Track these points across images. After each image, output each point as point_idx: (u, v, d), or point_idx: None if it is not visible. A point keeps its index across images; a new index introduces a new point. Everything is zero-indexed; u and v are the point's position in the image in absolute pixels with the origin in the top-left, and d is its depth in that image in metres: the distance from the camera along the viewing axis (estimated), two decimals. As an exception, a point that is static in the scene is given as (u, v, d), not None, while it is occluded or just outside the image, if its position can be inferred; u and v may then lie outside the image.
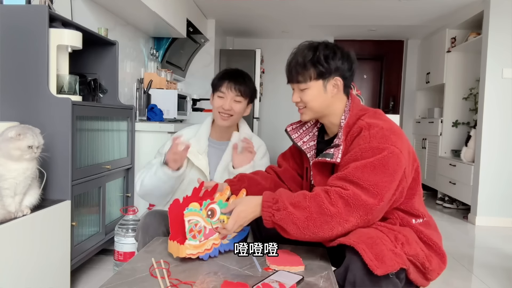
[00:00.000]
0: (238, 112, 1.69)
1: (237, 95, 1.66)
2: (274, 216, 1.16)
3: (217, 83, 1.69)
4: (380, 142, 1.21)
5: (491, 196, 3.72)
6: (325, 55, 1.31)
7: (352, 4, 4.21)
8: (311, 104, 1.35)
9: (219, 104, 1.67)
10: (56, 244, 1.77)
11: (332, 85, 1.33)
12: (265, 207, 1.18)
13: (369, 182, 1.15)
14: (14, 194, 1.53)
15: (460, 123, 4.58)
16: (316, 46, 1.34)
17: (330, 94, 1.34)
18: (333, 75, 1.32)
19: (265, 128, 6.02)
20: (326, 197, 1.15)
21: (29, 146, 1.51)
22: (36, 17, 1.81)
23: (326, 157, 1.29)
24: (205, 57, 4.89)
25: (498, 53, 3.68)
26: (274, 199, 1.18)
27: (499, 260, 2.74)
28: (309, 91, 1.33)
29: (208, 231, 1.22)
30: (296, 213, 1.14)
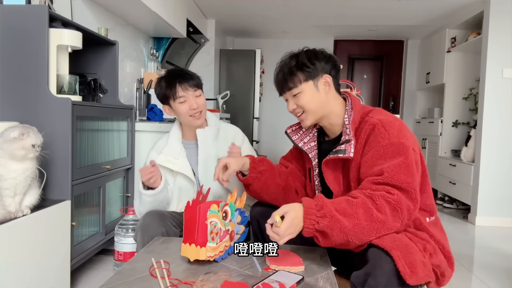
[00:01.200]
0: (204, 104, 1.70)
1: (195, 91, 1.66)
2: (319, 224, 1.10)
3: (170, 92, 1.64)
4: (399, 137, 1.23)
5: (491, 196, 3.72)
6: (307, 57, 1.36)
7: (352, 4, 4.21)
8: (309, 106, 1.36)
9: (185, 108, 1.64)
10: (56, 244, 1.77)
11: (322, 83, 1.36)
12: (308, 214, 1.11)
13: (407, 184, 1.16)
14: (14, 194, 1.53)
15: (460, 123, 4.58)
16: (296, 53, 1.39)
17: (323, 92, 1.36)
18: (321, 73, 1.35)
19: (265, 128, 6.02)
20: (372, 203, 1.13)
21: (33, 144, 1.52)
22: (36, 17, 1.81)
23: (339, 153, 1.29)
24: (205, 57, 4.89)
25: (498, 53, 3.68)
26: (318, 205, 1.12)
27: (499, 260, 2.74)
28: (303, 94, 1.35)
29: (223, 233, 1.24)
30: (344, 220, 1.10)
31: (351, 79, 6.01)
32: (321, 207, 1.11)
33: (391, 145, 1.21)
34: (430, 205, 1.32)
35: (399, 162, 1.18)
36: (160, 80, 1.69)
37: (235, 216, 1.31)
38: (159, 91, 1.68)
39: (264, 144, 5.97)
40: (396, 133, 1.24)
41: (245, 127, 5.03)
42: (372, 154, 1.24)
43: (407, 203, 1.15)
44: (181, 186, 1.71)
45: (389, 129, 1.24)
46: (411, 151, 1.21)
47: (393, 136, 1.23)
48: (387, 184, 1.16)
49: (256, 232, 1.50)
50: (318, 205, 1.12)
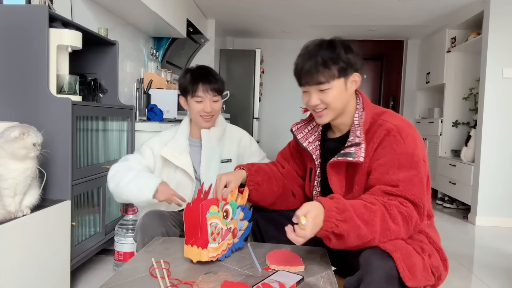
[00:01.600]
0: (218, 110, 1.72)
1: (214, 96, 1.67)
2: (338, 227, 1.07)
3: (191, 88, 1.66)
4: (414, 147, 1.20)
5: (491, 196, 3.72)
6: (344, 50, 1.26)
7: (352, 4, 4.21)
8: (335, 105, 1.27)
9: (199, 108, 1.67)
10: (56, 244, 1.77)
11: (351, 82, 1.28)
12: (329, 216, 1.07)
13: (420, 199, 1.16)
14: (14, 194, 1.53)
15: (460, 123, 4.58)
16: (331, 41, 1.29)
17: (350, 91, 1.29)
18: (353, 70, 1.27)
19: (265, 128, 6.02)
20: (388, 213, 1.13)
21: (34, 143, 1.52)
22: (36, 17, 1.81)
23: (347, 156, 1.23)
24: (205, 57, 4.89)
25: (498, 53, 3.68)
26: (339, 208, 1.08)
27: (499, 260, 2.74)
28: (332, 91, 1.25)
29: (224, 232, 1.24)
30: (363, 227, 1.09)
31: (351, 79, 6.00)
32: (343, 210, 1.08)
33: (406, 155, 1.19)
34: (429, 210, 1.30)
35: (413, 175, 1.17)
36: (187, 73, 1.70)
37: (237, 213, 1.31)
38: (182, 82, 1.70)
39: (264, 144, 5.97)
40: (412, 143, 1.21)
41: (245, 127, 5.00)
42: (385, 161, 1.20)
43: (416, 216, 1.15)
44: (179, 181, 1.70)
45: (405, 138, 1.21)
46: (422, 164, 1.20)
47: (409, 145, 1.20)
48: (401, 196, 1.16)
49: (255, 232, 1.49)
50: (339, 208, 1.09)
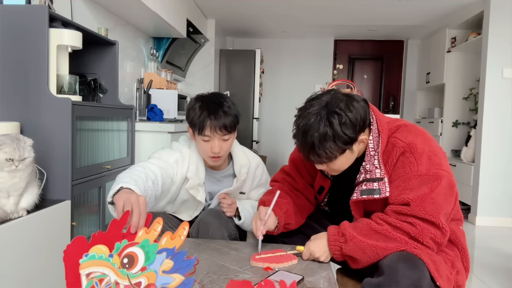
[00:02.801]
0: (228, 149, 1.54)
1: (224, 134, 1.48)
2: (342, 249, 1.19)
3: (198, 125, 1.47)
4: (429, 168, 1.17)
5: (491, 196, 3.72)
6: (342, 128, 1.15)
7: (352, 4, 4.21)
8: (341, 168, 1.27)
9: (206, 148, 1.49)
10: (56, 244, 1.77)
11: (358, 145, 1.23)
12: (332, 240, 1.22)
13: (432, 216, 1.13)
14: (8, 196, 1.52)
15: (460, 123, 4.58)
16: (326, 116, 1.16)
17: (357, 150, 1.25)
18: (357, 138, 1.20)
19: (265, 128, 6.02)
20: (397, 234, 1.14)
21: (8, 159, 1.43)
22: (36, 17, 1.81)
23: (373, 193, 1.22)
24: (205, 57, 4.89)
25: (498, 53, 3.68)
26: (340, 233, 1.21)
27: (499, 260, 2.74)
28: (338, 161, 1.23)
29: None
30: (367, 241, 1.16)
31: (351, 79, 6.01)
32: (343, 233, 1.20)
33: (419, 176, 1.16)
34: (459, 216, 1.31)
35: (425, 194, 1.14)
36: (195, 102, 1.51)
37: (155, 261, 0.87)
38: (190, 114, 1.51)
39: (264, 144, 5.97)
40: (425, 162, 1.17)
41: (245, 127, 5.03)
42: (398, 184, 1.19)
43: (431, 233, 1.13)
44: (184, 200, 1.63)
45: (418, 157, 1.17)
46: (440, 179, 1.16)
47: (421, 166, 1.17)
48: (412, 215, 1.14)
49: None
50: (340, 232, 1.21)
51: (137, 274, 0.86)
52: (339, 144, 1.17)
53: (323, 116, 1.16)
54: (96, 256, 0.85)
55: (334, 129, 1.15)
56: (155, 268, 0.87)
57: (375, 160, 1.24)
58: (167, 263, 0.87)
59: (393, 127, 1.26)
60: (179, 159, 1.56)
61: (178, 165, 1.55)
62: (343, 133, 1.16)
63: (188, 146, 1.60)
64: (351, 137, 1.18)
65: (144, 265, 0.86)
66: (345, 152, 1.21)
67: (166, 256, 0.87)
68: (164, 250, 0.87)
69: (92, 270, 0.85)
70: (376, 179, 1.22)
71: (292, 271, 1.14)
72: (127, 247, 0.86)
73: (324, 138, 1.15)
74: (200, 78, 4.84)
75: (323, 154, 1.18)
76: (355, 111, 1.18)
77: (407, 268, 1.06)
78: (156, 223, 0.91)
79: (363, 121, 1.21)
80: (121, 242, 0.87)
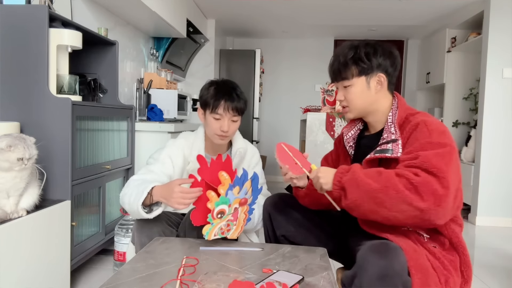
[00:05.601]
0: (235, 130, 1.65)
1: (234, 115, 1.60)
2: (342, 180, 1.21)
3: (212, 103, 1.58)
4: (440, 138, 1.21)
5: (491, 196, 3.72)
6: (365, 52, 1.33)
7: (352, 4, 4.21)
8: (354, 102, 1.36)
9: (216, 126, 1.59)
10: (56, 244, 1.77)
11: (375, 81, 1.34)
12: (338, 171, 1.24)
13: (438, 169, 1.12)
14: (8, 196, 1.52)
15: (460, 123, 4.57)
16: (356, 45, 1.36)
17: (374, 90, 1.35)
18: (376, 71, 1.33)
19: (265, 128, 6.01)
20: (398, 177, 1.14)
21: (19, 158, 1.46)
22: (36, 17, 1.81)
23: (386, 152, 1.26)
24: (205, 57, 4.89)
25: (498, 53, 3.68)
26: (346, 167, 1.25)
27: (499, 260, 2.74)
28: (353, 88, 1.35)
29: (233, 216, 1.32)
30: (366, 179, 1.16)
31: (351, 79, 6.00)
32: (349, 169, 1.23)
33: (430, 143, 1.19)
34: (461, 221, 1.30)
35: (436, 152, 1.16)
36: (211, 85, 1.63)
37: (231, 196, 1.28)
38: (204, 95, 1.62)
39: (264, 144, 5.97)
40: (439, 133, 1.22)
41: (245, 127, 5.03)
42: (410, 150, 1.22)
43: (433, 187, 1.10)
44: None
45: (431, 129, 1.22)
46: (451, 150, 1.19)
47: (434, 135, 1.21)
48: (417, 167, 1.15)
49: (267, 224, 1.50)
50: (346, 168, 1.25)
51: (230, 210, 1.29)
52: (357, 63, 1.33)
53: (355, 43, 1.36)
54: (211, 223, 1.27)
55: (359, 52, 1.33)
56: (232, 199, 1.28)
57: (392, 128, 1.31)
58: (236, 188, 1.29)
59: (414, 111, 1.34)
60: (171, 153, 1.63)
61: (171, 159, 1.62)
62: (365, 56, 1.32)
63: (192, 134, 1.70)
64: (370, 62, 1.32)
65: (230, 206, 1.29)
66: (361, 77, 1.34)
67: (234, 186, 1.28)
68: (230, 186, 1.27)
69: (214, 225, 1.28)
70: (391, 141, 1.28)
71: (292, 271, 1.14)
72: (214, 212, 1.27)
73: (348, 55, 1.34)
74: (200, 78, 4.83)
75: (342, 69, 1.34)
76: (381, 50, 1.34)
77: (375, 257, 1.08)
78: (222, 179, 1.27)
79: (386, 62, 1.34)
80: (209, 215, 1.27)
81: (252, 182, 1.34)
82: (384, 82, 1.35)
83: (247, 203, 1.35)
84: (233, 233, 1.36)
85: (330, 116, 3.23)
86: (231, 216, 1.32)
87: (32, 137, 1.55)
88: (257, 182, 1.37)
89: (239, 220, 1.36)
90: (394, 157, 1.25)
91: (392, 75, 1.37)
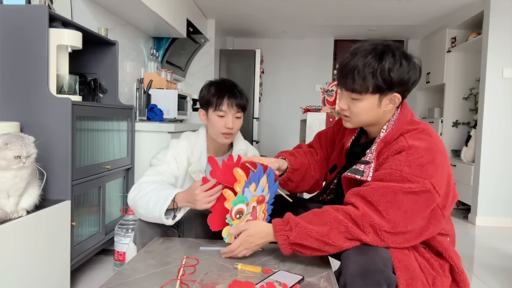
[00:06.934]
0: (239, 127, 1.64)
1: (238, 112, 1.58)
2: (289, 238, 1.14)
3: (215, 101, 1.56)
4: (414, 173, 1.10)
5: (491, 196, 3.72)
6: (389, 67, 1.16)
7: (352, 4, 4.21)
8: (359, 117, 1.25)
9: (221, 124, 1.57)
10: (56, 244, 1.77)
11: (388, 99, 1.21)
12: (278, 231, 1.15)
13: (379, 204, 1.09)
14: (8, 196, 1.52)
15: (460, 123, 4.58)
16: (381, 52, 1.17)
17: (383, 109, 1.22)
18: (394, 90, 1.19)
19: (265, 128, 6.02)
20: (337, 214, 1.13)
21: (16, 156, 1.46)
22: (36, 17, 1.81)
23: (356, 174, 1.21)
24: (205, 57, 4.89)
25: (498, 53, 3.68)
26: (284, 221, 1.17)
27: (499, 260, 2.74)
28: (361, 104, 1.21)
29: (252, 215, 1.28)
30: (309, 226, 1.12)
31: (351, 79, 5.99)
32: (287, 221, 1.16)
33: (399, 176, 1.11)
34: (448, 230, 1.26)
35: (390, 186, 1.10)
36: (211, 85, 1.61)
37: (248, 194, 1.23)
38: (205, 94, 1.60)
39: (264, 144, 5.97)
40: (415, 167, 1.11)
41: (245, 127, 5.03)
42: (378, 174, 1.16)
43: (372, 220, 1.09)
44: None
45: (410, 160, 1.12)
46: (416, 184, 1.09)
47: (408, 168, 1.11)
48: (361, 197, 1.12)
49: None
50: (284, 220, 1.17)
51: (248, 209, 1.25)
52: (377, 80, 1.16)
53: (379, 50, 1.18)
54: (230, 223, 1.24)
55: (382, 64, 1.16)
56: (249, 197, 1.24)
57: (373, 146, 1.24)
58: (253, 185, 1.24)
59: (410, 128, 1.22)
60: (176, 154, 1.61)
61: (176, 160, 1.60)
62: (388, 73, 1.16)
63: (194, 135, 1.69)
64: (391, 81, 1.16)
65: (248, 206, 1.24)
66: (375, 95, 1.19)
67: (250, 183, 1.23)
68: (246, 183, 1.22)
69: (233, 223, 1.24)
70: (365, 162, 1.22)
71: (292, 271, 1.14)
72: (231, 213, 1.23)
73: (368, 65, 1.16)
74: (200, 78, 4.83)
75: (357, 81, 1.17)
76: (407, 65, 1.18)
77: (356, 254, 1.09)
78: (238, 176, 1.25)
79: (408, 81, 1.19)
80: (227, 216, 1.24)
81: (267, 178, 1.29)
82: (398, 101, 1.22)
83: (264, 201, 1.30)
84: None
85: (330, 116, 3.23)
86: (250, 216, 1.27)
87: (31, 136, 1.55)
88: (272, 178, 1.33)
89: (258, 220, 1.30)
90: (363, 180, 1.19)
91: (409, 92, 1.23)
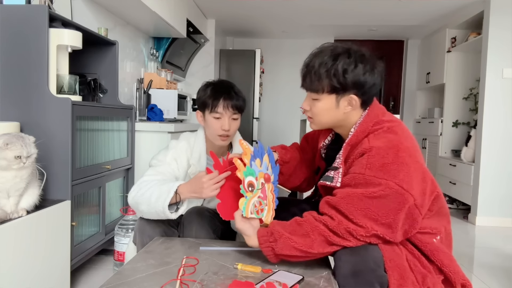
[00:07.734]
0: (236, 129, 1.63)
1: (234, 113, 1.57)
2: (274, 249, 1.15)
3: (211, 103, 1.55)
4: (376, 175, 1.11)
5: (491, 196, 3.72)
6: (344, 68, 1.17)
7: (352, 4, 4.21)
8: (319, 118, 1.27)
9: (217, 126, 1.56)
10: (56, 244, 1.77)
11: (346, 101, 1.22)
12: (262, 242, 1.17)
13: (350, 213, 1.10)
14: (8, 196, 1.52)
15: (460, 123, 4.58)
16: (337, 54, 1.19)
17: (343, 110, 1.23)
18: (349, 92, 1.20)
19: (265, 128, 6.02)
20: (317, 224, 1.14)
21: (17, 156, 1.46)
22: (36, 17, 1.81)
23: (327, 180, 1.23)
24: (205, 57, 4.89)
25: (498, 53, 3.68)
26: (269, 232, 1.17)
27: (499, 260, 2.74)
28: (320, 104, 1.24)
29: (263, 193, 1.27)
30: (293, 237, 1.14)
31: (351, 79, 5.99)
32: (271, 232, 1.17)
33: (362, 179, 1.12)
34: (431, 226, 1.22)
35: (355, 192, 1.11)
36: (207, 86, 1.61)
37: (256, 168, 1.24)
38: (201, 96, 1.60)
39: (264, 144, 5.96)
40: (376, 169, 1.11)
41: (245, 127, 5.03)
42: (343, 180, 1.18)
43: (350, 228, 1.10)
44: None
45: (371, 162, 1.12)
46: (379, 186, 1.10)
47: (370, 171, 1.12)
48: (333, 208, 1.14)
49: None
50: (269, 231, 1.18)
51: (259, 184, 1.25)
52: (331, 79, 1.18)
53: (336, 52, 1.20)
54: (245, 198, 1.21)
55: (336, 65, 1.18)
56: (257, 172, 1.24)
57: (341, 152, 1.25)
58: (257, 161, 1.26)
59: (376, 128, 1.21)
60: (176, 154, 1.61)
61: (177, 161, 1.60)
62: (342, 73, 1.17)
63: (193, 136, 1.69)
64: (345, 82, 1.18)
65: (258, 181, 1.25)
66: (331, 95, 1.21)
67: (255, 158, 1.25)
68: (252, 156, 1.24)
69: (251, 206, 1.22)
70: (334, 168, 1.24)
71: (292, 271, 1.14)
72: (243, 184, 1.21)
73: (324, 65, 1.19)
74: (200, 78, 4.81)
75: (314, 79, 1.21)
76: (362, 67, 1.18)
77: (348, 254, 1.11)
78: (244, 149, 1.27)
79: (365, 83, 1.19)
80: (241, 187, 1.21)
81: (269, 158, 1.33)
82: (356, 103, 1.21)
83: (270, 180, 1.31)
84: (267, 216, 1.27)
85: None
86: (261, 193, 1.26)
87: (31, 136, 1.55)
88: (273, 158, 1.36)
89: (269, 201, 1.29)
90: (333, 186, 1.20)
91: (369, 95, 1.22)
